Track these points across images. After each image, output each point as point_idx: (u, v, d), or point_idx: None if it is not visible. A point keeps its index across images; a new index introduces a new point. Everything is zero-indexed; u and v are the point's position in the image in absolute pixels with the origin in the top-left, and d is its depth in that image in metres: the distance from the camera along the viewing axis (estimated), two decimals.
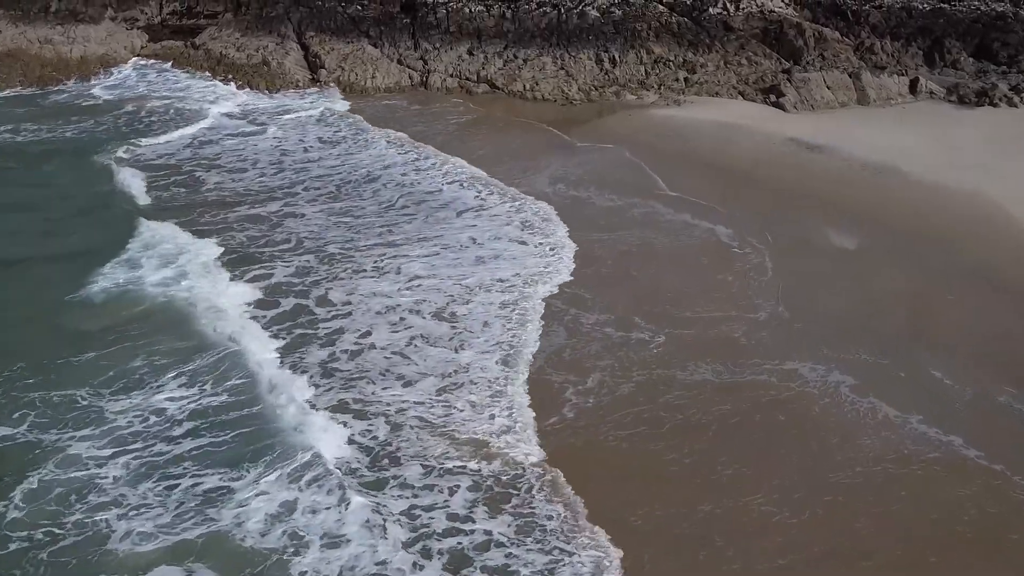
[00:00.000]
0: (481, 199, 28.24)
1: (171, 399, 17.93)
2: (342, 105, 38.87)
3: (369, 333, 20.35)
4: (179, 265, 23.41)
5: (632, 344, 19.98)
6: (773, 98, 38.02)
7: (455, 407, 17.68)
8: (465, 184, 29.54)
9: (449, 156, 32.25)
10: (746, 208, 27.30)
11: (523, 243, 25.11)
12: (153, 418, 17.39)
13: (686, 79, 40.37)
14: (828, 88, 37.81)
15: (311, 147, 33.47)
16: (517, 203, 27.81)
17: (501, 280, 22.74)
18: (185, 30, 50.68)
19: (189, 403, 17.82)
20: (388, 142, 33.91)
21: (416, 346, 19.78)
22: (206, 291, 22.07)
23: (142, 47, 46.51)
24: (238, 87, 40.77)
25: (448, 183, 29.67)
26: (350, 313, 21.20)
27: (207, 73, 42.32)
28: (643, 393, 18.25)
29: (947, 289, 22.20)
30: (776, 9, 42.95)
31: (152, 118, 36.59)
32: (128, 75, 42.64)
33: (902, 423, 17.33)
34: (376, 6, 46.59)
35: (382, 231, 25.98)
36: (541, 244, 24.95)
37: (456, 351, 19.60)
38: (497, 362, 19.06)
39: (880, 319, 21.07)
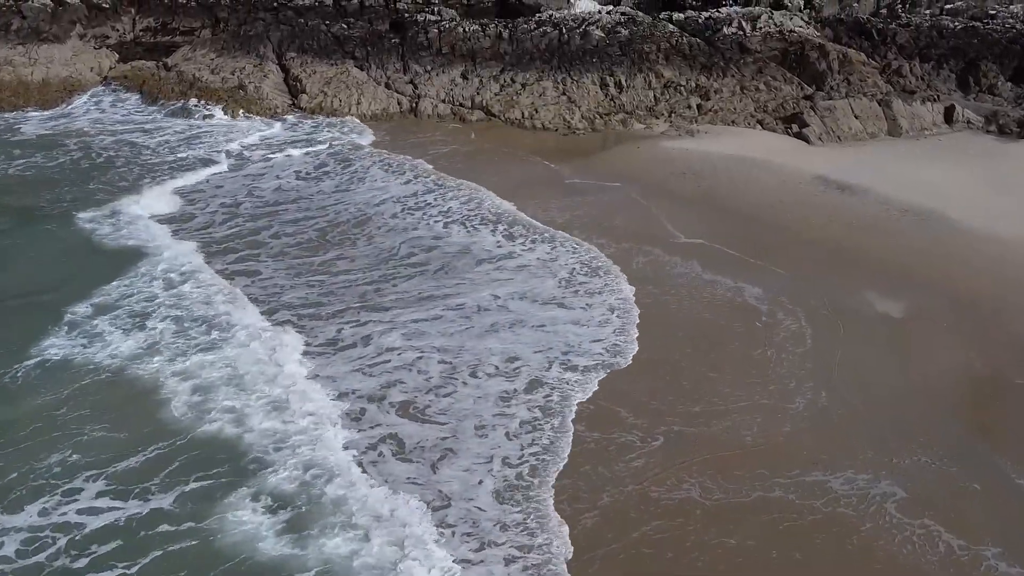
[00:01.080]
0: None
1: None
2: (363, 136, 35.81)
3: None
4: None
5: (612, 450, 16.51)
6: (795, 128, 35.00)
7: None
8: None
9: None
10: (774, 261, 24.25)
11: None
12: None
13: (699, 106, 37.37)
14: (856, 117, 34.79)
15: (297, 178, 30.46)
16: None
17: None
18: (160, 48, 47.76)
19: None
20: (386, 171, 30.92)
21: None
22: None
23: (111, 68, 43.51)
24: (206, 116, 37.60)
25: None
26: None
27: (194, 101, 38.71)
28: (611, 524, 14.71)
29: (1019, 369, 19.06)
30: (796, 29, 39.96)
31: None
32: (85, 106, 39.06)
33: (972, 559, 14.10)
34: (363, 24, 43.65)
35: (368, 289, 22.73)
36: None
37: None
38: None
39: (940, 408, 17.93)
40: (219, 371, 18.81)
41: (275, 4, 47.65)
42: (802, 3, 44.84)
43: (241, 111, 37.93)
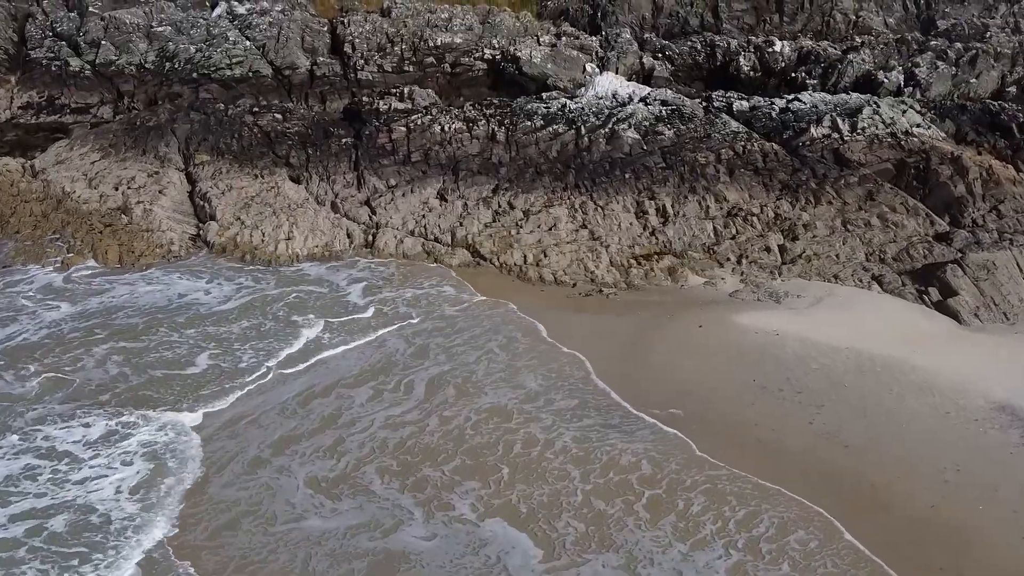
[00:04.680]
0: None
1: None
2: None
3: None
4: None
5: None
6: (935, 294, 24.11)
7: None
8: None
9: None
10: None
11: None
12: None
13: (783, 248, 26.56)
14: None
15: None
16: None
17: None
18: (45, 130, 37.28)
19: None
20: None
21: None
22: None
23: None
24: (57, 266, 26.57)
25: None
26: None
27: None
28: None
29: None
30: (915, 131, 29.13)
31: None
32: None
33: None
34: (305, 113, 33.00)
35: None
36: None
37: None
38: None
39: None
40: None
41: (194, 76, 37.08)
42: (902, 80, 34.18)
43: (114, 253, 27.01)
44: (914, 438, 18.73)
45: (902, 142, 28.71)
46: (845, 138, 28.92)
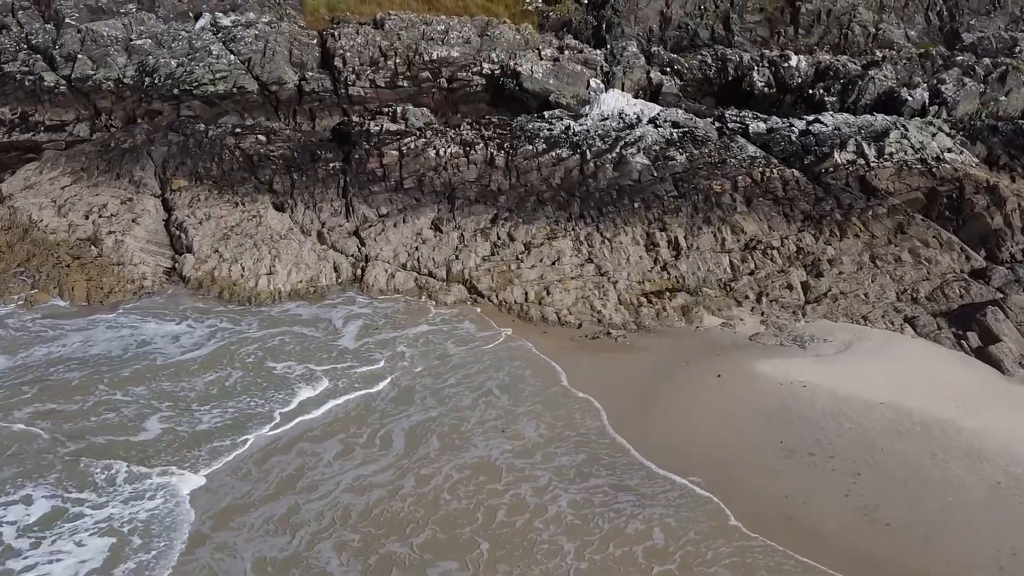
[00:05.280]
0: None
1: None
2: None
3: None
4: None
5: None
6: (974, 340, 22.18)
7: None
8: None
9: None
10: None
11: None
12: None
13: (806, 285, 24.57)
14: None
15: None
16: None
17: None
18: (18, 149, 35.31)
19: None
20: None
21: None
22: None
23: None
24: (21, 303, 24.58)
25: None
26: None
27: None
28: None
29: None
30: (946, 156, 27.18)
31: None
32: None
33: None
34: (291, 133, 31.02)
35: None
36: None
37: None
38: None
39: None
40: None
41: (175, 92, 35.12)
42: (927, 99, 32.23)
43: (82, 289, 25.06)
44: (962, 515, 16.77)
45: (933, 169, 26.76)
46: (871, 164, 26.97)
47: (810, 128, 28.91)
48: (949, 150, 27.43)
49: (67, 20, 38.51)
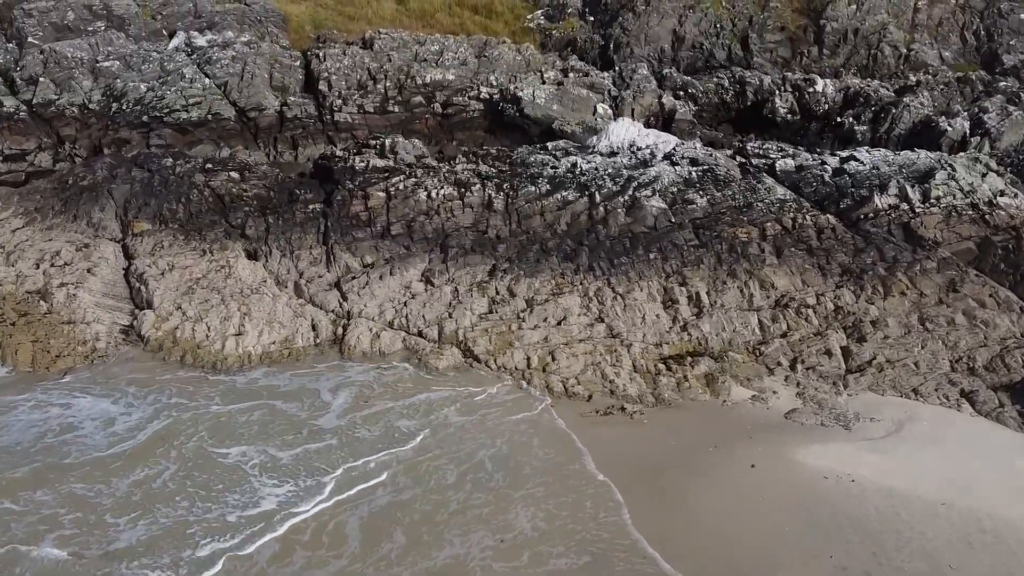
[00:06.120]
0: None
1: None
2: None
3: None
4: None
5: None
6: None
7: None
8: None
9: None
10: None
11: None
12: None
13: (847, 351, 21.72)
14: None
15: None
16: None
17: None
18: None
19: None
20: None
21: None
22: None
23: None
24: None
25: None
26: None
27: None
28: None
29: None
30: (999, 200, 24.35)
31: None
32: None
33: None
34: (267, 169, 28.19)
35: None
36: None
37: None
38: None
39: None
40: None
41: (144, 119, 32.30)
42: (967, 129, 29.43)
43: (26, 353, 22.19)
44: None
45: (986, 215, 23.95)
46: (917, 209, 24.16)
47: (845, 166, 26.09)
48: (1002, 192, 24.62)
49: (30, 39, 35.72)
